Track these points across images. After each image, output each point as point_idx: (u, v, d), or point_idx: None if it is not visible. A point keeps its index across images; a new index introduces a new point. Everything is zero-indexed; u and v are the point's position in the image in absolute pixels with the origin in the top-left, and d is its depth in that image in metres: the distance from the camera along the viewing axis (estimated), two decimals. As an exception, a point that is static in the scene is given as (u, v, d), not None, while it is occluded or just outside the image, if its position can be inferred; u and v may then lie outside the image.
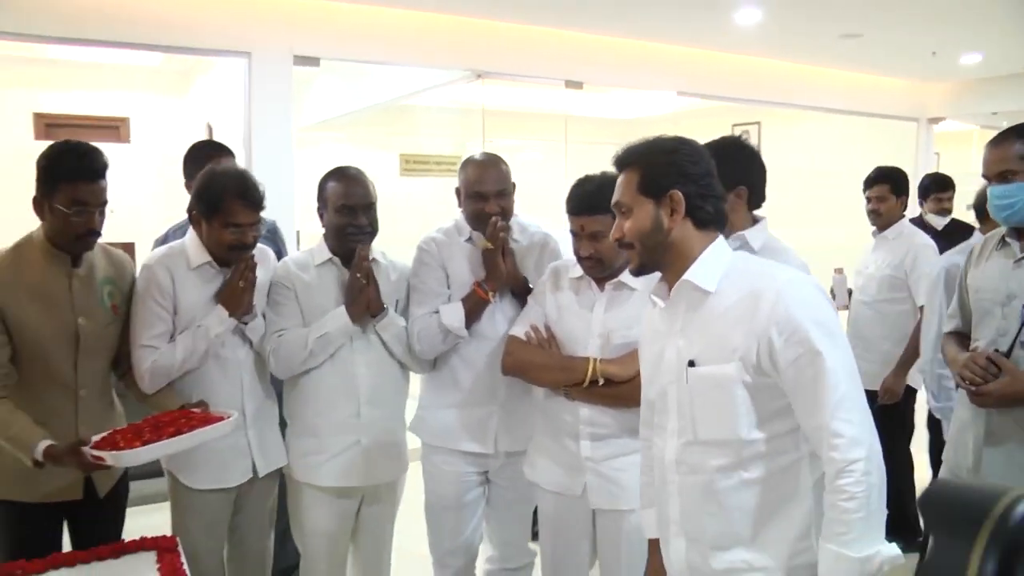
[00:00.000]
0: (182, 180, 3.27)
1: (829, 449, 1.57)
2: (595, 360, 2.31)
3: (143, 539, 2.18)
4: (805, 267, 2.23)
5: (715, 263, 1.75)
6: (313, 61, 4.86)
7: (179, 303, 2.50)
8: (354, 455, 2.64)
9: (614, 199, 1.83)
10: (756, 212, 2.39)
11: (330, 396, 2.64)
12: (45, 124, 6.69)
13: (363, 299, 2.56)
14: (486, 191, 2.61)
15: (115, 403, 2.59)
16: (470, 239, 2.70)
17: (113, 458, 2.03)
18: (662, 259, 1.77)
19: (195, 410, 2.36)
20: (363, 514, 2.78)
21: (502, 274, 2.60)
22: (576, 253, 2.39)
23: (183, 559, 2.10)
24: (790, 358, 1.61)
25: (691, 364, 1.74)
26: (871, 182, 4.00)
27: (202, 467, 2.54)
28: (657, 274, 1.82)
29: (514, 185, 2.71)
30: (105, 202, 2.34)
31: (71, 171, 2.25)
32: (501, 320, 2.68)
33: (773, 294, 1.64)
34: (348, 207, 2.59)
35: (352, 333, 2.60)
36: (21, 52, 5.98)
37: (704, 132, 2.26)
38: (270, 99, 4.73)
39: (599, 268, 2.36)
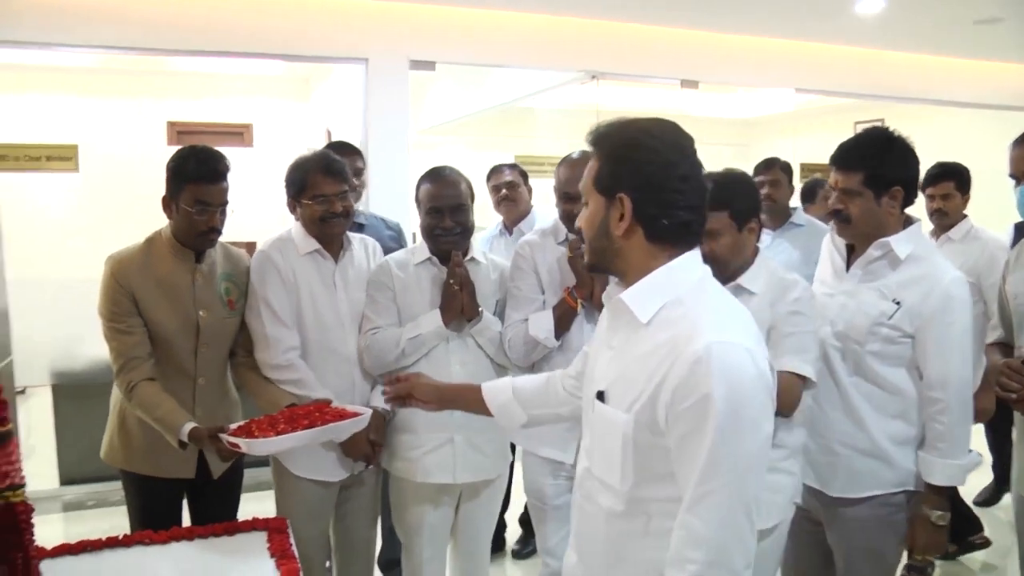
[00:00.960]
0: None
1: (676, 537, 1.39)
2: None
3: (255, 519, 2.26)
4: (960, 281, 2.16)
5: (658, 290, 1.47)
6: (429, 65, 4.93)
7: (297, 288, 2.57)
8: (448, 452, 2.65)
9: (580, 184, 1.59)
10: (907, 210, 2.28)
11: None
12: (177, 131, 7.02)
13: (456, 304, 2.56)
14: (572, 191, 2.50)
15: (231, 392, 2.72)
16: (566, 240, 2.63)
17: (247, 445, 2.10)
18: (611, 265, 1.53)
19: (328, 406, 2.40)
20: (462, 510, 2.80)
21: (588, 282, 2.52)
22: None
23: (292, 540, 2.16)
24: (680, 432, 1.37)
25: (599, 396, 1.54)
26: (934, 179, 3.72)
27: (306, 457, 2.61)
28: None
29: None
30: (226, 202, 2.47)
31: (195, 174, 2.39)
32: (590, 331, 2.52)
33: (695, 351, 1.35)
34: (436, 209, 2.60)
35: (446, 336, 2.61)
36: (156, 66, 6.31)
37: (825, 130, 2.18)
38: (387, 103, 4.82)
39: (713, 269, 2.26)
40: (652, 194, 1.45)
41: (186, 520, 2.64)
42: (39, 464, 4.71)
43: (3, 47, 4.60)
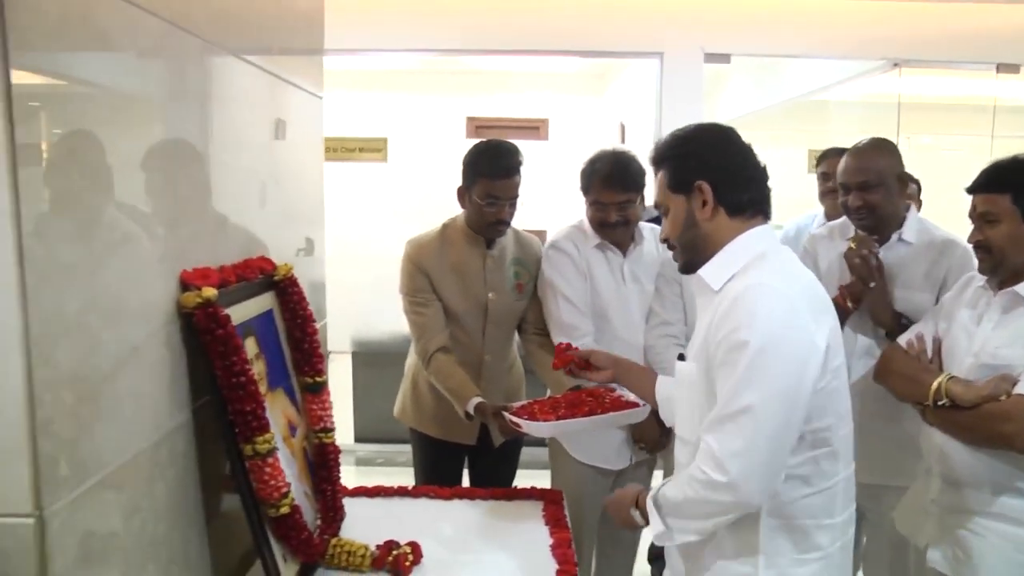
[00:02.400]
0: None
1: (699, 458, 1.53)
2: (945, 376, 1.95)
3: (533, 488, 2.36)
4: None
5: (728, 261, 1.62)
6: (724, 58, 4.83)
7: (591, 276, 2.61)
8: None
9: (655, 200, 1.75)
10: None
11: None
12: (475, 126, 7.43)
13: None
14: (856, 181, 2.41)
15: (516, 367, 2.84)
16: (855, 236, 2.47)
17: (527, 426, 2.15)
18: (702, 255, 1.66)
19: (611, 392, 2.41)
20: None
21: (858, 289, 2.36)
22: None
23: (566, 512, 2.21)
24: (717, 365, 1.52)
25: (680, 357, 1.68)
26: None
27: (588, 442, 2.66)
28: None
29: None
30: (515, 196, 2.55)
31: (487, 169, 2.49)
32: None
33: (734, 292, 1.54)
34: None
35: None
36: (457, 65, 6.71)
37: None
38: (681, 97, 4.79)
39: (988, 261, 1.96)
40: (723, 173, 1.63)
41: (465, 482, 2.83)
42: (337, 420, 5.18)
43: (336, 55, 5.12)
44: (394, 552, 1.83)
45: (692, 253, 1.69)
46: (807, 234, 2.88)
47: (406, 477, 2.85)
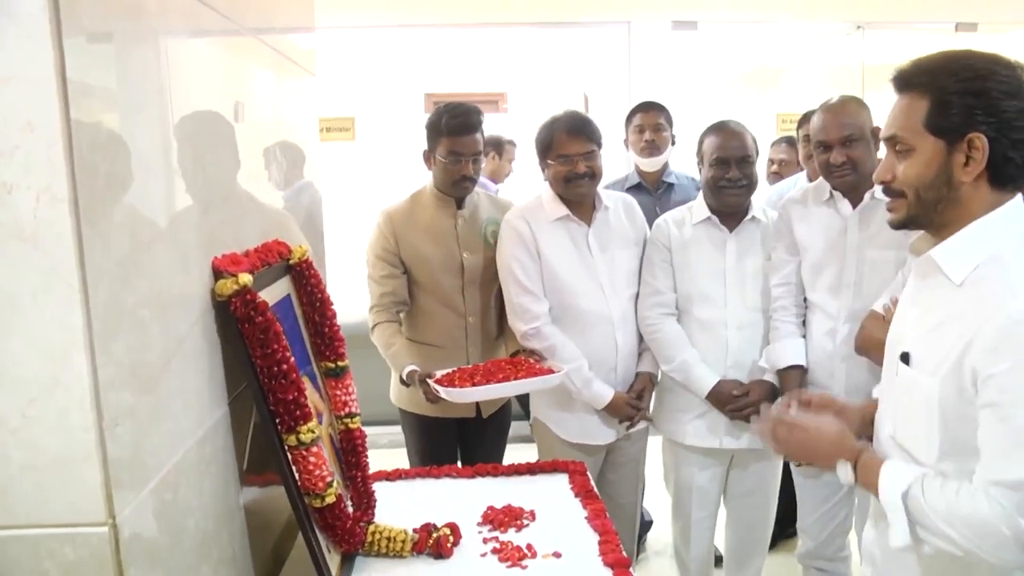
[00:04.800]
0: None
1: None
2: None
3: (556, 461, 2.34)
4: None
5: (975, 245, 1.34)
6: (691, 25, 4.83)
7: (542, 254, 2.59)
8: (715, 417, 2.62)
9: (887, 131, 1.42)
10: None
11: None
12: (433, 102, 7.36)
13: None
14: (832, 139, 2.36)
15: (504, 330, 2.83)
16: (831, 198, 2.46)
17: (446, 393, 2.27)
18: (938, 218, 1.39)
19: (530, 360, 2.50)
20: (732, 476, 2.75)
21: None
22: None
23: (592, 483, 2.20)
24: (988, 399, 1.26)
25: (903, 358, 1.43)
26: None
27: (572, 421, 2.67)
28: None
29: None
30: (479, 152, 2.63)
31: (449, 127, 2.56)
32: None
33: (1012, 312, 1.24)
34: (723, 159, 2.54)
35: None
36: (417, 41, 6.59)
37: None
38: (649, 65, 4.77)
39: None
40: (1009, 131, 1.31)
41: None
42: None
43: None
44: (435, 534, 1.79)
45: (926, 212, 1.40)
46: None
47: (390, 459, 2.80)
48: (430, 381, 2.35)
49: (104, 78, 1.08)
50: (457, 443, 2.88)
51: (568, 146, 2.54)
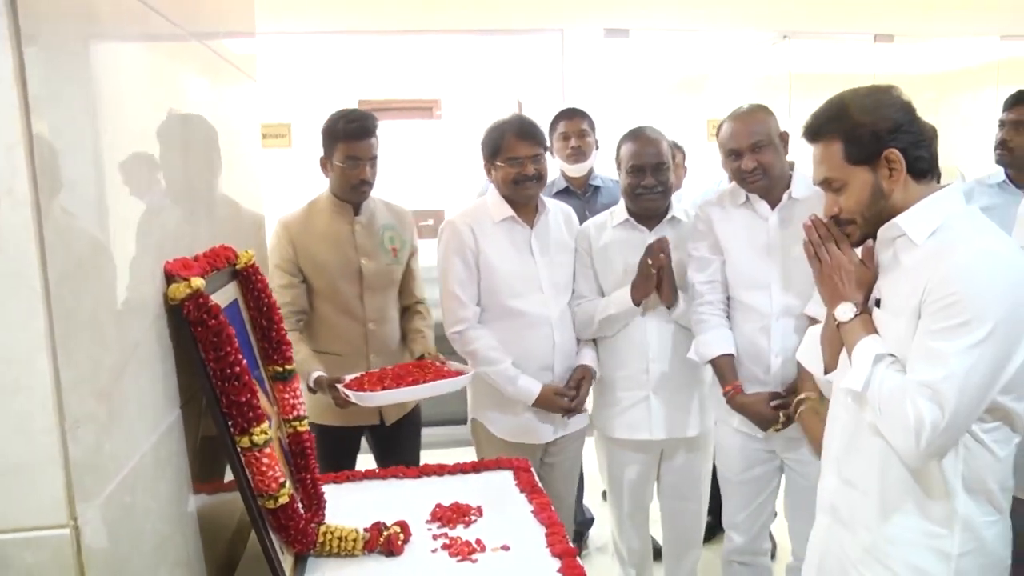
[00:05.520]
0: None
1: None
2: None
3: (500, 459, 2.38)
4: None
5: (928, 214, 1.61)
6: (623, 33, 4.93)
7: (483, 256, 2.65)
8: (644, 409, 2.71)
9: (820, 176, 1.70)
10: None
11: (621, 352, 2.72)
12: (368, 109, 7.32)
13: (648, 287, 2.60)
14: (742, 146, 2.45)
15: (405, 336, 2.86)
16: (747, 202, 2.54)
17: (356, 397, 2.30)
18: (887, 221, 1.66)
19: (436, 363, 2.54)
20: (663, 468, 2.84)
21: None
22: None
23: (536, 479, 2.25)
24: (931, 327, 1.53)
25: (876, 304, 1.70)
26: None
27: (509, 421, 2.72)
28: None
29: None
30: (375, 157, 2.65)
31: (345, 131, 2.60)
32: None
33: (960, 254, 1.52)
34: (638, 167, 2.63)
35: (637, 313, 2.66)
36: (352, 48, 6.57)
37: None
38: (583, 72, 4.85)
39: None
40: (910, 135, 1.61)
41: (371, 463, 2.84)
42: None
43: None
44: (385, 533, 1.82)
45: (873, 226, 1.68)
46: None
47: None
48: (339, 386, 2.37)
49: (63, 81, 1.08)
50: (373, 452, 2.92)
51: (517, 149, 2.60)
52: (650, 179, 2.62)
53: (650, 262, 2.57)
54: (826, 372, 1.89)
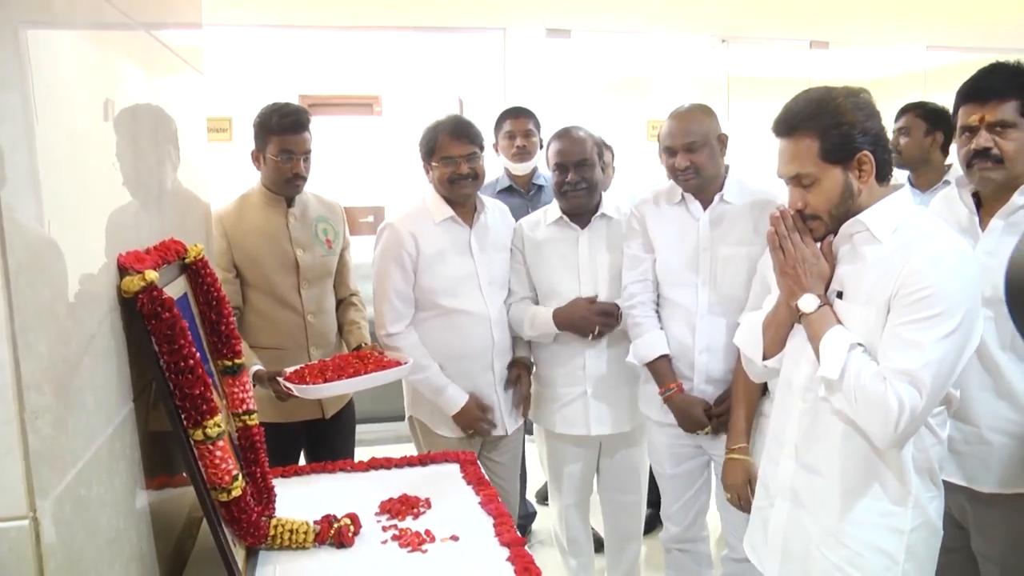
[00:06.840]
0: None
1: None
2: None
3: (447, 452, 2.40)
4: None
5: (890, 212, 1.72)
6: (564, 33, 4.98)
7: (423, 257, 2.66)
8: (581, 406, 2.77)
9: (791, 171, 1.76)
10: None
11: (560, 348, 2.78)
12: (308, 104, 7.24)
13: (582, 328, 2.71)
14: (679, 144, 2.48)
15: (341, 328, 2.89)
16: (682, 201, 2.58)
17: (298, 390, 2.29)
18: (848, 219, 1.76)
19: (375, 353, 2.55)
20: (602, 463, 2.91)
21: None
22: None
23: (483, 471, 2.28)
24: (902, 318, 1.63)
25: (838, 295, 1.77)
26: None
27: (443, 417, 2.75)
28: None
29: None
30: (308, 151, 2.67)
31: (279, 126, 2.61)
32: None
33: (929, 250, 1.63)
34: (562, 165, 2.69)
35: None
36: (292, 42, 6.50)
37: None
38: (524, 72, 4.89)
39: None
40: (879, 139, 1.71)
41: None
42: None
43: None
44: (335, 525, 1.83)
45: (838, 224, 1.76)
46: None
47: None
48: (280, 379, 2.36)
49: (13, 71, 1.08)
50: (303, 448, 2.90)
51: (451, 148, 2.62)
52: (574, 175, 2.67)
53: (597, 329, 2.67)
54: (765, 358, 1.96)
